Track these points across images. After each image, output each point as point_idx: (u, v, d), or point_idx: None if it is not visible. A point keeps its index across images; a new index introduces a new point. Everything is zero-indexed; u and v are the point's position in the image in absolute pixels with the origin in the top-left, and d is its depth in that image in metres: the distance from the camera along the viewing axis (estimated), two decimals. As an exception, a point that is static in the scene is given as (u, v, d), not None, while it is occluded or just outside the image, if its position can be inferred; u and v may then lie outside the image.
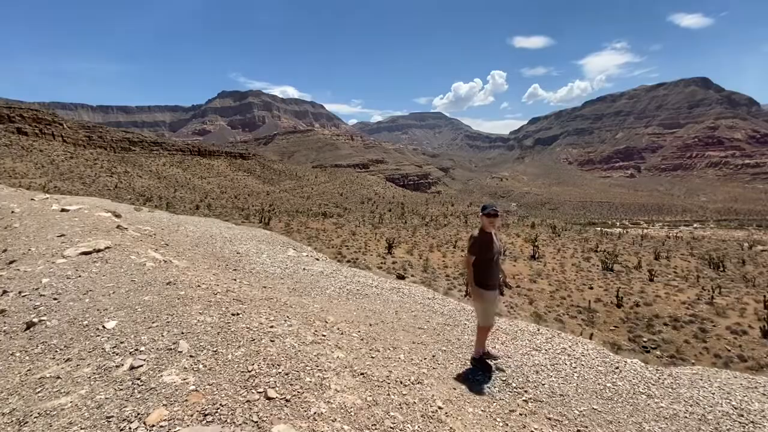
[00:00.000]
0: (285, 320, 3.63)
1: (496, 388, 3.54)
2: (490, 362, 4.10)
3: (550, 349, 4.56)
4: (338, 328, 4.05)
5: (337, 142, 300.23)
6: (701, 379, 3.99)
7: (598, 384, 3.76)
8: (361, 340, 3.96)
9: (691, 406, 3.39)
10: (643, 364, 4.32)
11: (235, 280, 5.38)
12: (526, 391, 3.51)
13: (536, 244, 27.78)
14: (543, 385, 3.68)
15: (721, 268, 27.36)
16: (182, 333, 2.94)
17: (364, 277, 7.27)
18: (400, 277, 20.54)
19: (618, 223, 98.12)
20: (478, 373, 3.88)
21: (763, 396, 3.63)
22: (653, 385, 3.79)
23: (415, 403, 2.87)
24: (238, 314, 3.42)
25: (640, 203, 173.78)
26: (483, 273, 3.88)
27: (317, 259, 9.95)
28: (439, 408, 2.90)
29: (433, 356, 4.05)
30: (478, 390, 3.47)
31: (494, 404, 3.27)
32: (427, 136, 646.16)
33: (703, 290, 19.88)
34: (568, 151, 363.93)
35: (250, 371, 2.56)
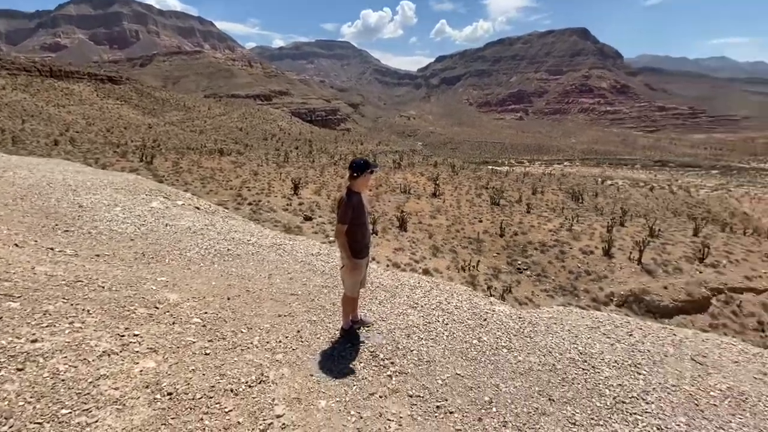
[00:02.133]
0: (73, 321, 2.71)
1: (362, 364, 3.23)
2: (361, 331, 3.79)
3: (426, 304, 4.38)
4: (172, 315, 3.28)
5: (233, 68, 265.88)
6: (555, 323, 4.14)
7: (465, 342, 3.69)
8: (203, 326, 3.27)
9: (544, 356, 3.45)
10: (508, 312, 4.36)
11: (51, 249, 4.11)
12: (392, 363, 3.26)
13: (437, 182, 29.12)
14: (412, 351, 3.47)
15: (580, 200, 32.39)
16: None
17: (241, 233, 6.37)
18: (307, 219, 19.94)
19: (506, 162, 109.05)
20: (346, 346, 3.52)
21: (603, 336, 3.92)
22: (514, 336, 3.83)
23: (240, 423, 2.30)
24: (-16, 324, 2.39)
25: (526, 144, 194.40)
26: (358, 241, 3.42)
27: (197, 208, 8.60)
28: (278, 417, 2.42)
29: (298, 332, 3.58)
30: (341, 370, 3.13)
31: (353, 388, 2.92)
32: (335, 67, 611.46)
33: (566, 219, 23.35)
34: (469, 93, 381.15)
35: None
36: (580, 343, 3.77)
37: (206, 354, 2.96)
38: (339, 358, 3.27)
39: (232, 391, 2.60)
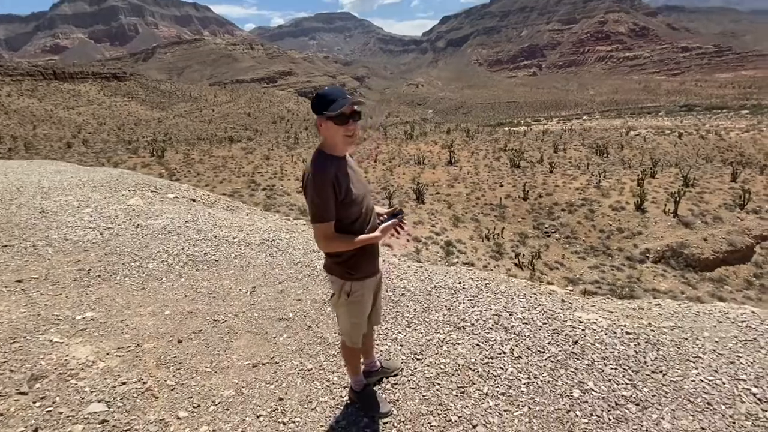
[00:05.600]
0: None
1: None
2: (383, 387, 2.34)
3: (478, 320, 2.97)
4: (45, 403, 2.09)
5: (234, 52, 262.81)
6: (687, 338, 2.82)
7: (561, 396, 2.27)
8: (101, 424, 2.02)
9: (702, 415, 2.18)
10: (605, 324, 2.93)
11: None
12: None
13: (452, 149, 28.13)
14: (475, 427, 2.09)
15: (605, 155, 30.79)
16: None
17: (227, 228, 5.48)
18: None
19: (523, 122, 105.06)
20: (360, 422, 2.08)
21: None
22: (636, 373, 2.44)
23: None
24: None
25: (541, 101, 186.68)
26: (353, 249, 1.80)
27: (193, 200, 7.80)
28: None
29: (280, 399, 2.24)
30: None
31: None
32: (338, 41, 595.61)
33: (592, 176, 22.19)
34: (478, 52, 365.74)
35: None
36: (748, 376, 2.36)
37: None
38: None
39: None
